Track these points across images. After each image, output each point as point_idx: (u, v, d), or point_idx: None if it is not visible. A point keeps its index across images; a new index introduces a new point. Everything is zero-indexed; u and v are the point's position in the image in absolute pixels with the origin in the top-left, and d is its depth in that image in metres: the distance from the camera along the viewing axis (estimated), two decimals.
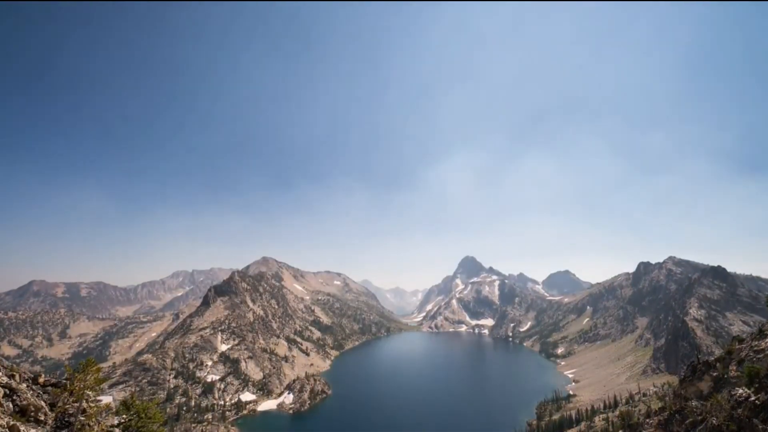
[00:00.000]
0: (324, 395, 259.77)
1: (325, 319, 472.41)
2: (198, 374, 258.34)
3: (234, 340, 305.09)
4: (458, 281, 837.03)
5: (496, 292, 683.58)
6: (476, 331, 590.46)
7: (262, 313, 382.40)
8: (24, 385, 27.69)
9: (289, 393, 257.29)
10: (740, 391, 34.33)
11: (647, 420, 44.66)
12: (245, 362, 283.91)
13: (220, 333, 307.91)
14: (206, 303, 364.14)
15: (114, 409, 38.25)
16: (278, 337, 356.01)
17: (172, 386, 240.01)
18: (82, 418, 29.11)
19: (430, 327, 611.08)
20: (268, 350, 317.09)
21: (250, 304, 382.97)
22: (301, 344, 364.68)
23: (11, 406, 24.76)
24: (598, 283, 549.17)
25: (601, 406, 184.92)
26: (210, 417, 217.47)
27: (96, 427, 29.42)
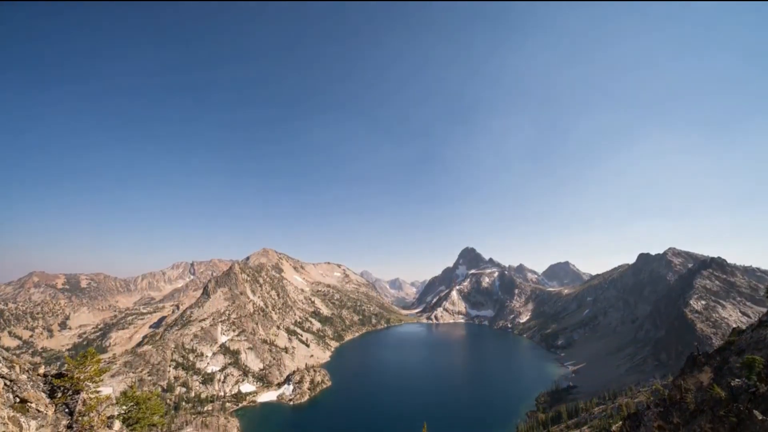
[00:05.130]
0: (324, 386, 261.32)
1: (325, 310, 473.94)
2: (198, 365, 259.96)
3: (234, 331, 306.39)
4: (458, 272, 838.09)
5: (496, 283, 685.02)
6: (476, 322, 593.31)
7: (262, 304, 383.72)
8: (24, 376, 27.58)
9: (288, 384, 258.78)
10: (740, 381, 34.31)
11: (647, 411, 44.73)
12: (245, 353, 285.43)
13: (220, 324, 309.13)
14: (206, 294, 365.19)
15: (114, 400, 38.27)
16: (278, 328, 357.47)
17: (172, 377, 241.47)
18: (83, 409, 29.07)
19: (430, 318, 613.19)
20: (268, 341, 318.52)
21: (250, 295, 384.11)
22: (301, 335, 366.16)
23: (11, 397, 24.66)
24: (598, 275, 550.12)
25: (601, 396, 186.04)
26: (210, 408, 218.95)
27: (96, 418, 29.40)
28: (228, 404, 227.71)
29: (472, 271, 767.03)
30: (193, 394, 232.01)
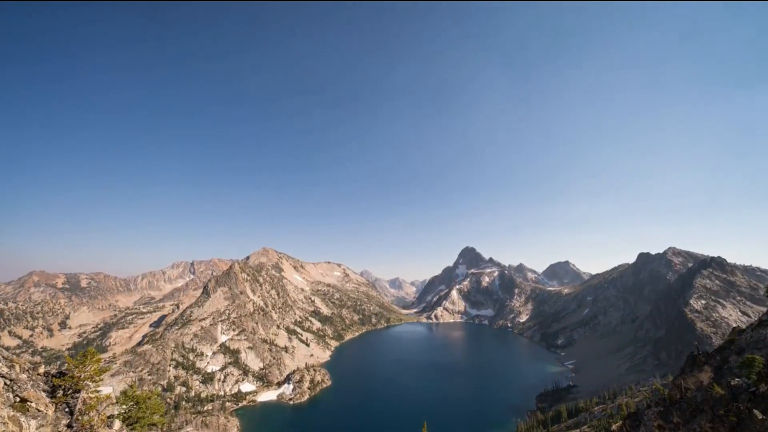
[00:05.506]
0: (324, 385, 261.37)
1: (325, 310, 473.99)
2: (198, 364, 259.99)
3: (234, 330, 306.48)
4: (458, 272, 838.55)
5: (496, 282, 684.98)
6: (476, 321, 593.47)
7: (262, 303, 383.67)
8: (24, 375, 27.59)
9: (288, 383, 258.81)
10: (740, 381, 34.32)
11: (647, 410, 44.74)
12: (245, 352, 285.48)
13: (220, 323, 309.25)
14: (206, 293, 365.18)
15: (114, 400, 38.28)
16: (278, 327, 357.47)
17: (172, 376, 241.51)
18: (83, 408, 29.07)
19: (430, 317, 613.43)
20: (268, 341, 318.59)
21: (250, 295, 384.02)
22: (301, 335, 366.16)
23: (11, 396, 24.67)
24: (598, 274, 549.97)
25: (601, 396, 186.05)
26: (210, 407, 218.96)
27: (96, 417, 29.40)
28: (228, 404, 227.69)
29: (472, 270, 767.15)
30: (193, 394, 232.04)
